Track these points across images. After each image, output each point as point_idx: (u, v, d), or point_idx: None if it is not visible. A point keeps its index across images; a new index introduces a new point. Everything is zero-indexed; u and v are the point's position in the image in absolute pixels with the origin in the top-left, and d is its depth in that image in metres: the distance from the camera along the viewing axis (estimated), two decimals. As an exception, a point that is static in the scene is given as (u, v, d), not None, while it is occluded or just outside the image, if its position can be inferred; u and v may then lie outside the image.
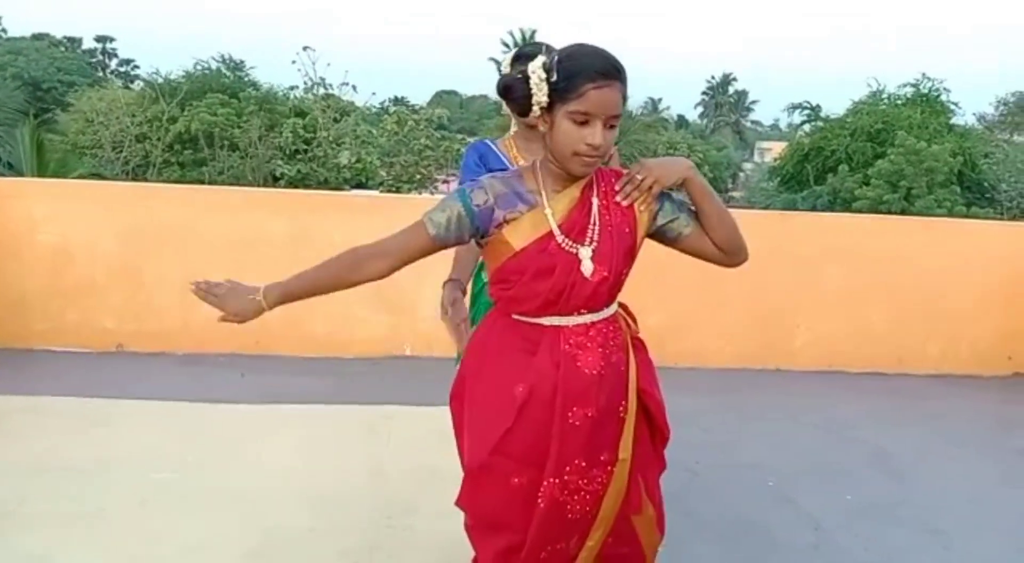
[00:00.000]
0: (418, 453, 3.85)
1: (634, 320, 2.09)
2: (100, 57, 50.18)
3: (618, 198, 1.87)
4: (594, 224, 1.85)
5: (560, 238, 1.82)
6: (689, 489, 3.67)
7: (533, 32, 53.26)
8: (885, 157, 16.89)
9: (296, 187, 12.50)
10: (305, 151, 13.67)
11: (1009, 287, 5.75)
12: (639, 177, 1.86)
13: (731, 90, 66.95)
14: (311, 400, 4.35)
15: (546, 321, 1.87)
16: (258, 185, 13.10)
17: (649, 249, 1.92)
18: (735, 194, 32.70)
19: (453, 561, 2.93)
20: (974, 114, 27.77)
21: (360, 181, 13.54)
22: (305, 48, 13.83)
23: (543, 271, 1.82)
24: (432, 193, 14.79)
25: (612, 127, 1.77)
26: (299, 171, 13.14)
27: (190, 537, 2.92)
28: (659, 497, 2.02)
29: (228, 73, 21.63)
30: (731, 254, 1.98)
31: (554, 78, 1.73)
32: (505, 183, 1.87)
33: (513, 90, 1.81)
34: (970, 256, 5.68)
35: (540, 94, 1.76)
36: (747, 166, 39.43)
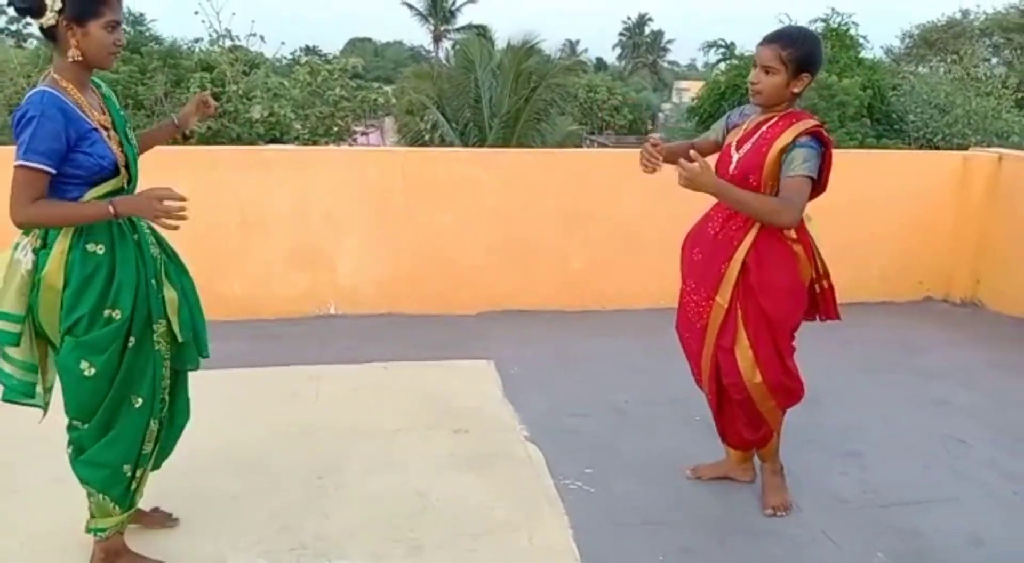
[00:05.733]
0: (345, 412, 3.82)
1: (796, 227, 2.81)
2: (-14, 13, 47.02)
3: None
4: (752, 143, 2.74)
5: (733, 143, 2.82)
6: (617, 428, 3.74)
7: (446, -25, 52.04)
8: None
9: (208, 144, 12.03)
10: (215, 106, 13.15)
11: (917, 214, 5.95)
12: (685, 169, 2.54)
13: (647, 31, 67.01)
14: (231, 365, 4.24)
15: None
16: (166, 144, 12.60)
17: (575, 202, 1.92)
18: (655, 135, 32.98)
19: (385, 516, 2.93)
20: (881, 47, 28.45)
21: (275, 135, 13.10)
22: (208, -3, 13.20)
23: (720, 159, 2.87)
24: (351, 145, 14.44)
25: (769, 73, 2.67)
26: (209, 127, 12.61)
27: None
28: (773, 371, 2.84)
29: (128, 28, 20.56)
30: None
31: None
32: (738, 109, 2.97)
33: None
34: (877, 186, 5.85)
35: None
36: (666, 106, 39.65)
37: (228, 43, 13.73)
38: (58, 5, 2.16)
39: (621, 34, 67.76)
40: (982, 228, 5.91)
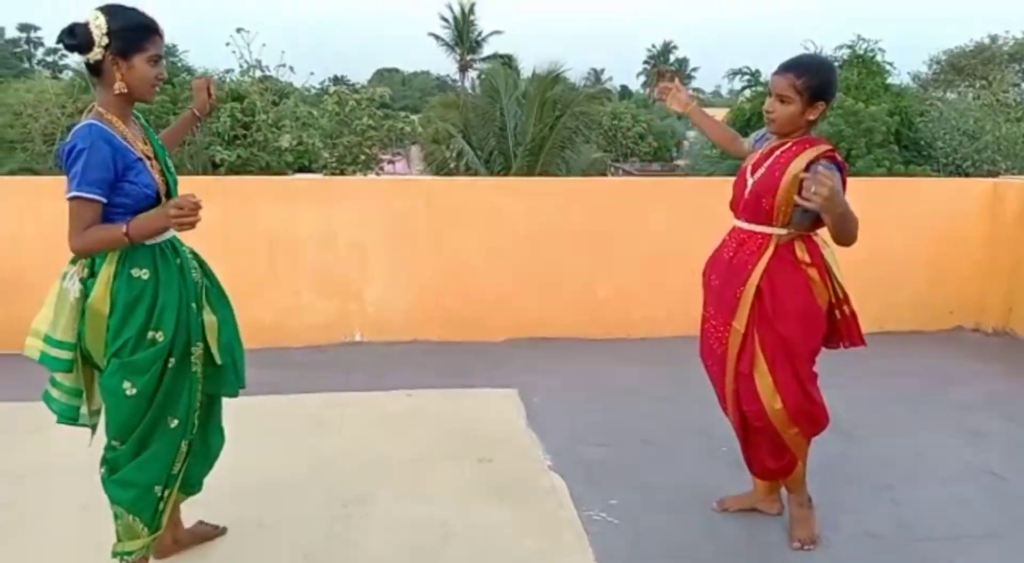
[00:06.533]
0: (371, 440, 3.81)
1: (811, 252, 2.77)
2: (24, 47, 48.37)
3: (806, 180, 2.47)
4: (765, 167, 2.76)
5: (749, 167, 2.86)
6: (643, 459, 3.69)
7: (472, 5, 52.66)
8: (824, 119, 17.08)
9: (237, 173, 12.22)
10: (244, 136, 13.34)
11: (947, 242, 5.87)
12: (824, 186, 2.35)
13: (672, 58, 67.29)
14: (257, 393, 4.25)
15: (735, 220, 2.90)
16: (197, 173, 12.79)
17: (601, 230, 1.91)
18: (680, 162, 32.95)
19: (410, 545, 2.91)
20: (908, 73, 28.25)
21: (303, 164, 13.27)
22: (239, 30, 13.50)
23: (736, 183, 2.92)
24: (378, 173, 14.59)
25: (783, 102, 2.69)
26: (239, 156, 12.83)
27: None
28: (793, 397, 2.78)
29: (161, 58, 20.95)
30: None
31: None
32: (761, 132, 3.01)
33: None
34: (907, 214, 5.79)
35: None
36: (691, 134, 39.56)
37: (258, 73, 14.00)
38: (105, 41, 2.24)
39: (645, 62, 68.09)
40: (1014, 256, 5.82)
